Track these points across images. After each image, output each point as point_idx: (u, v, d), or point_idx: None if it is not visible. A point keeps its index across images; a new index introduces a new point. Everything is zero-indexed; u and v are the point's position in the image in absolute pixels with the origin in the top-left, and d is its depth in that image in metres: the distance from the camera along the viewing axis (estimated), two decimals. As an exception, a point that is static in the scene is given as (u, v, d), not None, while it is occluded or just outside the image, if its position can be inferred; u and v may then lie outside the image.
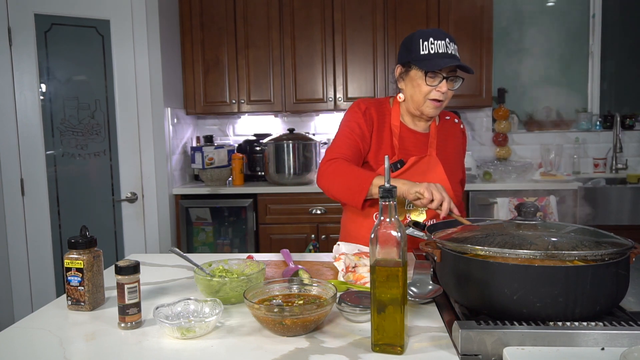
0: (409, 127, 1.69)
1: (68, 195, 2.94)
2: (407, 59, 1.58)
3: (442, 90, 1.56)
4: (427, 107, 1.60)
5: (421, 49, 1.54)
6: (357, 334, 1.02)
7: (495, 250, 0.96)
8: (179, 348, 0.97)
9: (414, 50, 1.55)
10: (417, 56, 1.54)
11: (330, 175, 1.55)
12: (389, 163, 1.03)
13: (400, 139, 1.66)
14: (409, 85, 1.61)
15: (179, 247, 3.42)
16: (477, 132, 3.93)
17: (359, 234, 1.67)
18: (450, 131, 1.77)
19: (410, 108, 1.65)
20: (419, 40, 1.54)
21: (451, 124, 1.79)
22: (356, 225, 1.70)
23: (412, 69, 1.58)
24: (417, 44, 1.54)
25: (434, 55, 1.53)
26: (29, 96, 2.81)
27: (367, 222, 1.66)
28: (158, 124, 3.21)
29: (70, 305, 1.19)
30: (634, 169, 3.80)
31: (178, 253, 1.33)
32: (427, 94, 1.57)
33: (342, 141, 1.62)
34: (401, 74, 1.64)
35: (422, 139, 1.69)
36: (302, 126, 3.95)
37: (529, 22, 3.90)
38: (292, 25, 3.58)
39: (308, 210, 3.35)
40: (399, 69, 1.64)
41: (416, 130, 1.70)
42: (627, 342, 0.85)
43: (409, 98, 1.63)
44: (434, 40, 1.53)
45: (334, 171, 1.55)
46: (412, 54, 1.56)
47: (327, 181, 1.57)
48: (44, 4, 2.82)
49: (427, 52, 1.53)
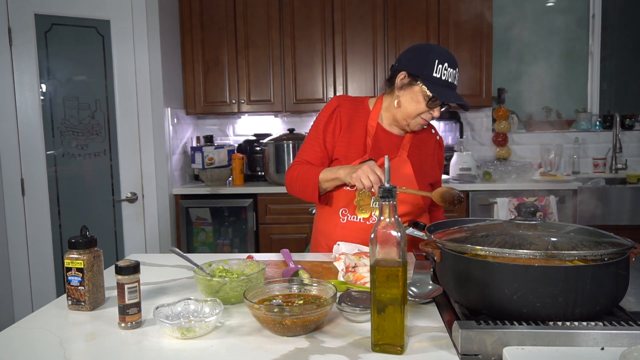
0: (385, 129, 1.72)
1: (68, 195, 2.94)
2: (417, 73, 1.57)
3: (434, 114, 1.61)
4: (415, 123, 1.64)
5: (435, 70, 1.54)
6: (357, 334, 1.02)
7: (495, 250, 0.97)
8: (179, 348, 0.97)
9: (427, 68, 1.54)
10: (429, 76, 1.54)
11: (291, 181, 1.70)
12: (389, 163, 1.03)
13: (374, 139, 1.68)
14: (408, 97, 1.61)
15: (179, 247, 3.42)
16: (477, 132, 3.93)
17: (327, 230, 1.72)
18: (425, 140, 1.78)
19: (398, 117, 1.66)
20: (435, 60, 1.54)
21: (427, 134, 1.79)
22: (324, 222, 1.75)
23: (418, 85, 1.57)
24: (432, 63, 1.54)
25: (445, 83, 1.55)
26: (29, 96, 2.81)
27: (334, 219, 1.70)
28: (158, 124, 3.21)
29: (70, 305, 1.19)
30: (634, 169, 3.80)
31: (178, 253, 1.33)
32: (421, 113, 1.60)
33: (306, 146, 1.74)
34: (404, 82, 1.61)
35: (396, 141, 1.71)
36: (302, 126, 3.95)
37: (529, 22, 3.91)
38: (292, 25, 3.58)
39: (308, 210, 3.35)
40: (403, 75, 1.61)
41: (391, 132, 1.72)
42: (627, 342, 0.85)
43: (402, 108, 1.63)
44: (448, 67, 1.55)
45: (291, 177, 1.69)
46: (425, 71, 1.55)
47: (289, 187, 1.72)
48: (44, 4, 2.82)
49: (439, 75, 1.54)
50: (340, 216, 1.68)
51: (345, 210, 1.67)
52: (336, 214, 1.69)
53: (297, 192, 1.69)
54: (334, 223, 1.69)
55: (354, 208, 1.66)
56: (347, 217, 1.67)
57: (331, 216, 1.71)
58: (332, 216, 1.70)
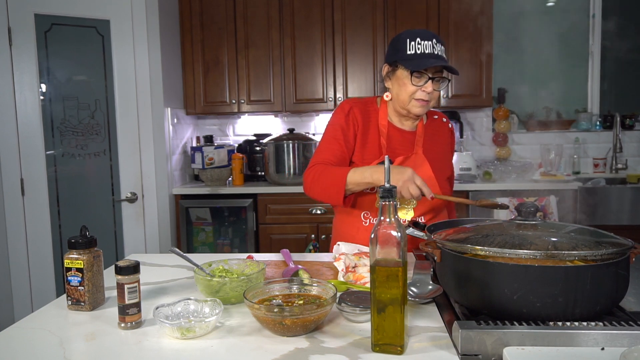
0: (396, 126, 1.70)
1: (68, 195, 2.94)
2: (394, 59, 1.60)
3: (427, 90, 1.57)
4: (413, 107, 1.61)
5: (408, 48, 1.55)
6: (357, 334, 1.02)
7: (495, 250, 0.96)
8: (179, 348, 0.97)
9: (401, 50, 1.57)
10: (403, 56, 1.56)
11: (312, 181, 1.60)
12: (389, 163, 1.03)
13: (387, 138, 1.67)
14: (396, 84, 1.62)
15: (179, 247, 3.42)
16: (477, 132, 3.93)
17: (349, 234, 1.69)
18: (437, 130, 1.78)
19: (397, 107, 1.66)
20: (406, 40, 1.56)
21: (439, 123, 1.80)
22: (346, 225, 1.72)
23: (399, 69, 1.59)
24: (404, 44, 1.56)
25: (420, 56, 1.54)
26: (29, 96, 2.81)
27: (356, 222, 1.68)
28: (158, 124, 3.21)
29: (70, 305, 1.19)
30: (634, 169, 3.80)
31: (178, 253, 1.33)
32: (412, 94, 1.59)
33: (324, 147, 1.67)
34: (388, 73, 1.65)
35: (409, 138, 1.70)
36: (302, 126, 3.95)
37: (529, 22, 3.90)
38: (292, 25, 3.58)
39: (308, 210, 3.35)
40: (386, 68, 1.66)
41: (403, 129, 1.71)
42: (627, 342, 0.85)
43: (395, 97, 1.64)
44: (420, 41, 1.54)
45: (312, 177, 1.60)
46: (399, 54, 1.57)
47: (309, 187, 1.62)
48: (44, 4, 2.82)
49: (413, 52, 1.55)
50: (362, 219, 1.67)
51: (367, 214, 1.66)
52: (358, 218, 1.67)
53: (318, 193, 1.61)
54: (356, 227, 1.67)
55: (376, 211, 1.64)
56: (369, 220, 1.66)
57: (353, 220, 1.68)
58: (354, 220, 1.68)
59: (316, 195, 1.62)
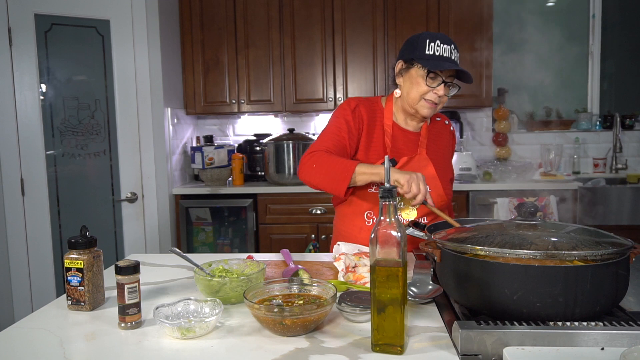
0: (400, 126, 1.70)
1: (68, 195, 2.94)
2: (411, 56, 1.58)
3: (439, 93, 1.57)
4: (421, 107, 1.61)
5: (427, 48, 1.55)
6: (357, 334, 1.02)
7: (495, 250, 0.96)
8: (179, 348, 0.97)
9: (419, 49, 1.56)
10: (422, 54, 1.55)
11: (312, 166, 1.53)
12: (389, 163, 1.03)
13: (392, 138, 1.67)
14: (408, 82, 1.61)
15: (179, 247, 3.42)
16: (477, 132, 3.93)
17: (350, 234, 1.68)
18: (440, 131, 1.78)
19: (405, 105, 1.65)
20: (426, 40, 1.55)
21: (442, 125, 1.80)
22: (347, 224, 1.71)
23: (414, 67, 1.58)
24: (423, 43, 1.55)
25: (439, 57, 1.54)
26: (29, 96, 2.81)
27: (358, 221, 1.66)
28: (158, 124, 3.21)
29: (70, 305, 1.19)
30: (634, 169, 3.80)
31: (178, 253, 1.33)
32: (424, 94, 1.58)
33: (328, 136, 1.61)
34: (401, 70, 1.64)
35: (413, 138, 1.70)
36: (302, 126, 3.95)
37: (529, 22, 3.90)
38: (292, 25, 3.58)
39: (308, 210, 3.35)
40: (400, 64, 1.64)
41: (407, 129, 1.71)
42: (627, 342, 0.85)
43: (405, 95, 1.63)
44: (440, 43, 1.55)
45: (315, 162, 1.52)
46: (417, 52, 1.56)
47: (308, 172, 1.54)
48: (44, 4, 2.82)
49: (432, 52, 1.54)
50: (365, 219, 1.65)
51: (371, 213, 1.65)
52: (360, 217, 1.66)
53: (319, 180, 1.52)
54: (359, 226, 1.66)
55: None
56: (372, 219, 1.65)
57: (355, 219, 1.67)
58: (356, 219, 1.67)
59: (317, 181, 1.54)
